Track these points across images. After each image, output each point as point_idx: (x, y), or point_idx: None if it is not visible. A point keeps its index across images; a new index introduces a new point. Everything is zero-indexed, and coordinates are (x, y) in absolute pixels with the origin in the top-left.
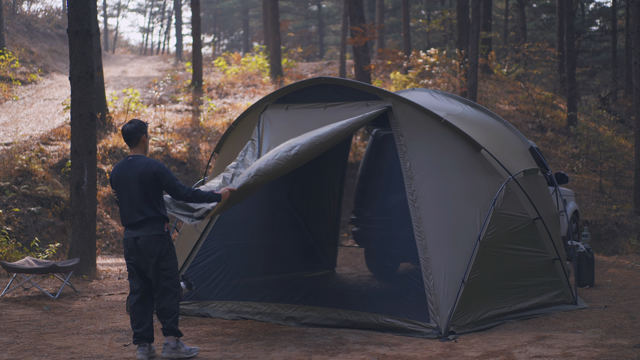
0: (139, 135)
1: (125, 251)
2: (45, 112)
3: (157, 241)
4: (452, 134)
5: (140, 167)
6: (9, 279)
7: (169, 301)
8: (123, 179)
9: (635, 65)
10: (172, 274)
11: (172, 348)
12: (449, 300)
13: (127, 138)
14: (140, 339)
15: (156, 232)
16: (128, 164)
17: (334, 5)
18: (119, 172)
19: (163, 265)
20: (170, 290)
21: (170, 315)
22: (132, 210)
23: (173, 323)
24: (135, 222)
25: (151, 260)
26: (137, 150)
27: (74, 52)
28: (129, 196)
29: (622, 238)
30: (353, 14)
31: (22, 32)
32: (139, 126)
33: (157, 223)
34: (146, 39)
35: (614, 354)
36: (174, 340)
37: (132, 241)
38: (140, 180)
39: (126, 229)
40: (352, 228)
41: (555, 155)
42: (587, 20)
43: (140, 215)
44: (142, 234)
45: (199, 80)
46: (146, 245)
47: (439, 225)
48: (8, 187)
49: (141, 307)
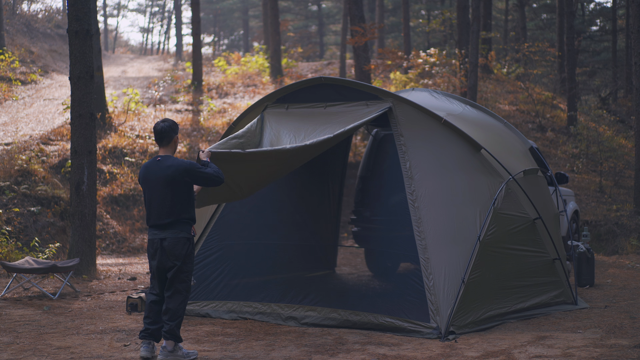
0: (171, 135)
1: (149, 251)
2: (45, 112)
3: (184, 243)
4: (452, 134)
5: (171, 168)
6: (9, 279)
7: (178, 304)
8: (151, 179)
9: (635, 65)
10: (187, 278)
11: (169, 351)
12: (449, 300)
13: (159, 137)
14: (149, 335)
15: (184, 234)
16: (157, 164)
17: (334, 5)
18: (147, 172)
19: (184, 268)
20: (181, 293)
21: (175, 318)
22: (160, 211)
23: (176, 327)
24: (164, 223)
25: (177, 262)
26: (167, 150)
27: (74, 52)
28: (157, 197)
29: (622, 238)
30: (353, 14)
31: (22, 32)
32: (172, 125)
33: (185, 226)
34: (146, 39)
35: (614, 354)
36: (172, 344)
37: (159, 242)
38: (170, 181)
39: (152, 229)
40: (352, 228)
41: (555, 155)
42: (587, 20)
43: (168, 217)
44: (169, 236)
45: (199, 80)
46: (173, 247)
47: (439, 225)
48: (8, 187)
49: (158, 306)
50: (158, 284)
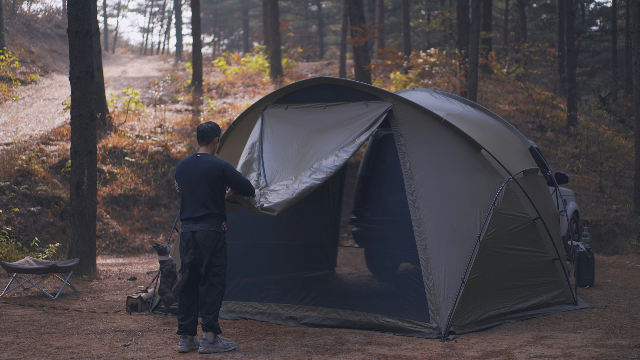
0: (212, 136)
1: (181, 244)
2: (45, 112)
3: (215, 237)
4: (452, 134)
5: (209, 165)
6: (9, 279)
7: (214, 297)
8: (188, 174)
9: (635, 65)
10: (221, 272)
11: (210, 343)
12: (449, 300)
13: (201, 136)
14: (184, 331)
15: (215, 228)
16: (195, 160)
17: (334, 5)
18: (185, 167)
19: (215, 262)
20: (217, 287)
21: (212, 312)
22: (195, 204)
23: (214, 319)
24: (197, 216)
25: (207, 254)
26: (207, 149)
27: (74, 52)
28: (193, 191)
29: (622, 238)
30: (353, 14)
31: (22, 32)
32: (214, 128)
33: (217, 220)
34: (146, 39)
35: (614, 354)
36: (212, 335)
37: (191, 235)
38: (207, 176)
39: (185, 222)
40: (352, 228)
41: (555, 155)
42: (587, 20)
43: (202, 210)
44: (201, 228)
45: (199, 80)
46: (204, 239)
47: (439, 225)
48: (8, 187)
49: (187, 299)
50: (187, 276)
